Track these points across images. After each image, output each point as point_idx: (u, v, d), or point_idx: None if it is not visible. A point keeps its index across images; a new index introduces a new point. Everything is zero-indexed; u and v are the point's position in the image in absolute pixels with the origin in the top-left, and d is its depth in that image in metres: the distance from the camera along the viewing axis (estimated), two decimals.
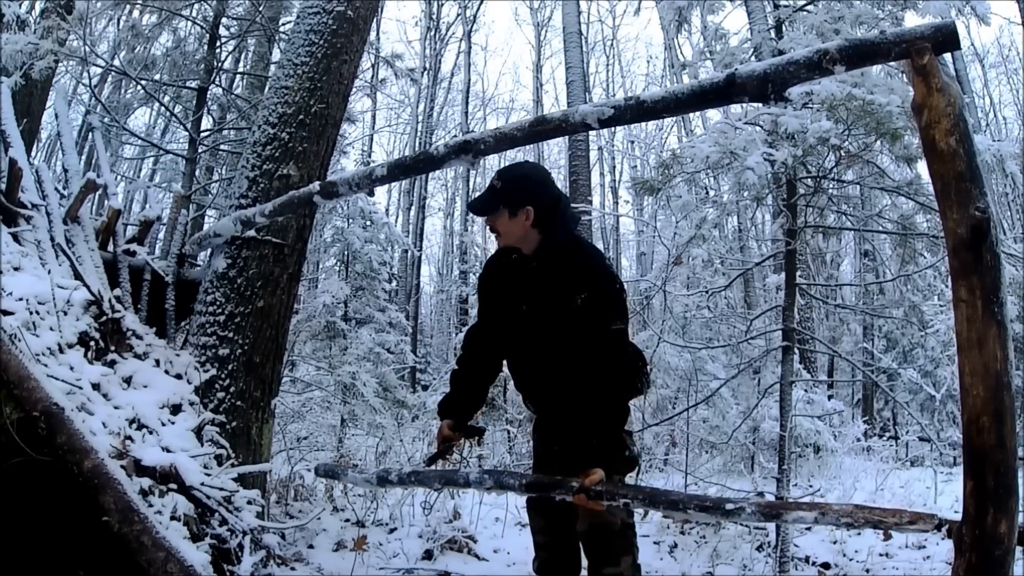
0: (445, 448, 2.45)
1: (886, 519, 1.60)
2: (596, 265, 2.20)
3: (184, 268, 3.87)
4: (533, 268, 2.26)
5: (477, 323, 2.55)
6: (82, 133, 11.79)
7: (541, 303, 2.21)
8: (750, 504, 1.74)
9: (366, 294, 8.93)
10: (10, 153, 3.48)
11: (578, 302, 2.12)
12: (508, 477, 2.21)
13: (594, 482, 1.94)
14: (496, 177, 2.28)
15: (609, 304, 2.13)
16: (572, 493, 1.97)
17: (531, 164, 2.67)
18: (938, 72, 1.60)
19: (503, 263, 2.36)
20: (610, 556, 2.19)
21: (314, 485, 4.99)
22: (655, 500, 1.97)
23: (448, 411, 2.44)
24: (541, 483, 2.12)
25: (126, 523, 2.13)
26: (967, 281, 1.53)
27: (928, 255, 4.41)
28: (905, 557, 4.07)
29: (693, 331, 8.41)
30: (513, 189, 2.24)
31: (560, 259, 2.20)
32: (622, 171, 21.10)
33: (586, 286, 2.13)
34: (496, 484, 2.17)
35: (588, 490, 1.93)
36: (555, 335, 2.17)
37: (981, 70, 17.79)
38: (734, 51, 4.61)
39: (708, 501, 1.84)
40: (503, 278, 2.35)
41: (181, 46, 7.35)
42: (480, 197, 2.33)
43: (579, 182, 10.60)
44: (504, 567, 3.95)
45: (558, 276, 2.18)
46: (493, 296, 2.42)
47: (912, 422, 9.90)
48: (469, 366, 2.48)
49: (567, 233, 2.27)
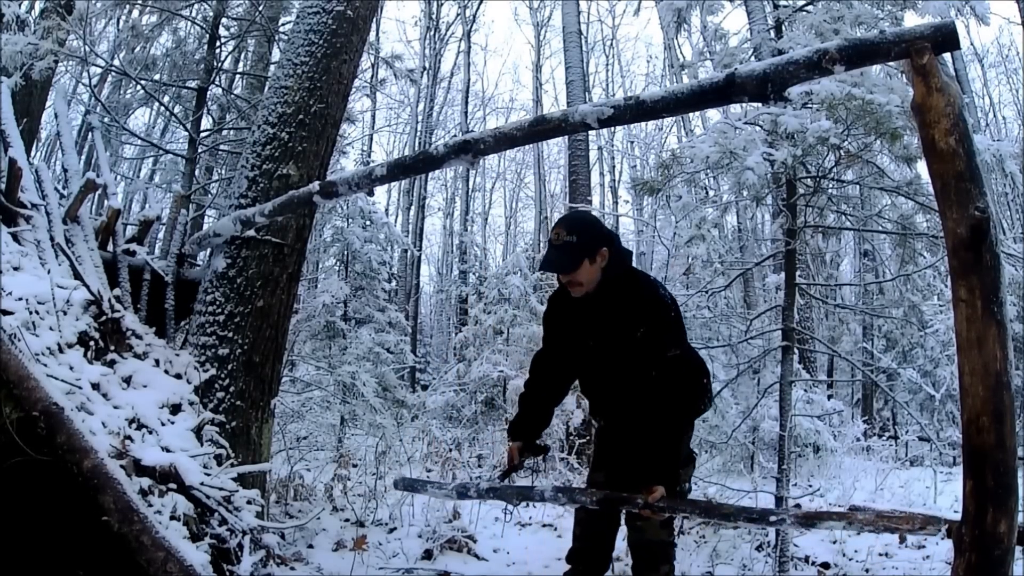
0: (515, 466, 2.65)
1: (901, 525, 1.74)
2: (651, 297, 2.37)
3: (184, 268, 3.87)
4: (595, 305, 2.41)
5: (544, 350, 2.72)
6: (82, 133, 11.79)
7: (605, 337, 2.42)
8: (790, 515, 1.99)
9: (366, 294, 8.93)
10: (10, 153, 3.48)
11: (637, 335, 2.32)
12: (580, 494, 2.45)
13: (656, 499, 2.17)
14: (566, 232, 2.35)
15: (665, 333, 2.33)
16: (639, 508, 2.21)
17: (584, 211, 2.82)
18: (938, 72, 1.60)
19: (566, 299, 2.52)
20: (652, 566, 2.49)
21: (313, 485, 4.99)
22: (710, 512, 2.29)
23: (518, 432, 2.64)
24: (611, 499, 2.32)
25: (126, 523, 2.13)
26: (967, 281, 1.53)
27: (928, 255, 4.41)
28: (905, 557, 4.07)
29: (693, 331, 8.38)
30: (589, 237, 2.36)
31: (618, 294, 2.38)
32: (622, 171, 21.10)
33: (643, 319, 2.32)
34: (570, 499, 2.44)
35: (652, 505, 2.18)
36: (619, 365, 2.39)
37: (981, 70, 17.79)
38: (734, 51, 4.61)
39: (755, 513, 2.08)
40: (567, 314, 2.53)
41: (181, 46, 7.35)
42: (559, 256, 2.35)
43: (579, 182, 10.60)
44: (504, 567, 3.95)
45: (618, 311, 2.36)
46: (559, 329, 2.61)
47: (912, 422, 9.90)
48: (537, 390, 2.68)
49: (623, 268, 2.41)
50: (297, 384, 7.76)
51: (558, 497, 2.40)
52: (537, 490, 2.44)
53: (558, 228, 2.37)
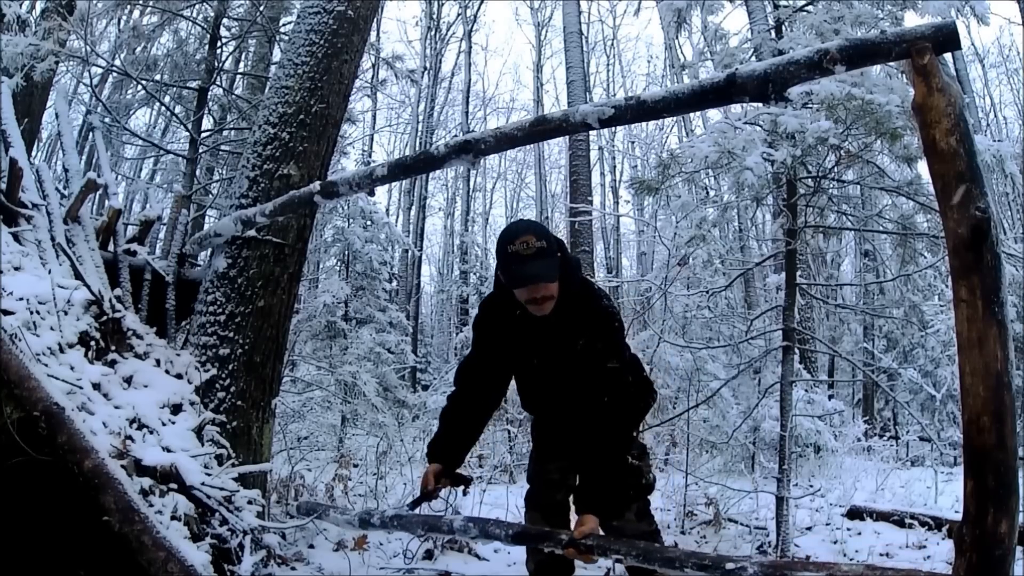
0: (427, 494, 2.32)
1: None
2: (596, 309, 2.21)
3: (184, 268, 3.87)
4: (542, 320, 2.21)
5: (472, 357, 2.46)
6: (83, 133, 11.80)
7: (550, 355, 2.26)
8: (752, 564, 1.64)
9: (366, 294, 8.94)
10: (10, 153, 3.48)
11: (578, 346, 2.18)
12: (494, 527, 2.11)
13: (584, 534, 1.89)
14: (535, 238, 2.10)
15: (608, 345, 2.18)
16: (562, 546, 1.90)
17: (527, 218, 2.68)
18: (938, 72, 1.60)
19: (508, 310, 2.28)
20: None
21: (314, 485, 4.99)
22: (650, 556, 1.86)
23: (437, 454, 2.33)
24: (529, 534, 2.08)
25: (126, 523, 2.13)
26: (967, 281, 1.52)
27: (928, 255, 4.41)
28: (905, 557, 4.07)
29: (693, 331, 8.41)
30: (555, 242, 2.17)
31: (569, 308, 2.21)
32: (622, 171, 21.11)
33: (586, 331, 2.18)
34: (481, 533, 2.10)
35: (578, 543, 1.87)
36: (561, 380, 2.25)
37: (981, 70, 17.80)
38: (734, 51, 4.61)
39: (707, 559, 1.74)
40: (509, 327, 2.31)
41: (182, 47, 7.36)
42: (544, 265, 2.11)
43: (579, 182, 10.61)
44: (504, 567, 3.95)
45: (565, 326, 2.21)
46: (496, 341, 2.36)
47: (912, 422, 9.90)
48: (463, 405, 2.40)
49: (577, 278, 2.26)
50: (298, 384, 7.76)
51: (468, 528, 2.14)
52: (445, 521, 2.20)
53: (525, 237, 2.10)
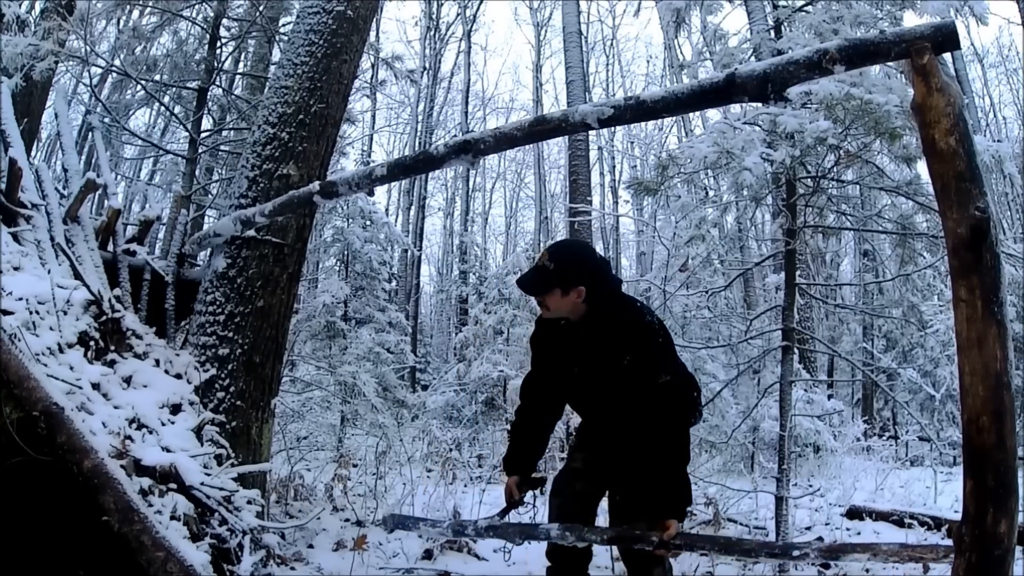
0: (515, 502, 2.55)
1: (926, 555, 1.79)
2: (637, 325, 2.34)
3: (184, 268, 3.87)
4: (582, 335, 2.39)
5: (531, 372, 2.66)
6: (82, 133, 11.79)
7: (589, 364, 2.39)
8: (814, 549, 1.97)
9: (366, 294, 8.94)
10: (10, 153, 3.48)
11: (624, 362, 2.29)
12: (590, 533, 2.34)
13: (671, 536, 2.14)
14: (548, 258, 2.36)
15: (654, 360, 2.29)
16: (654, 547, 2.16)
17: (578, 243, 2.80)
18: (938, 72, 1.60)
19: (553, 325, 2.49)
20: (646, 570, 2.41)
21: (314, 485, 4.99)
22: (730, 548, 2.23)
23: (513, 466, 2.57)
24: (624, 537, 2.28)
25: (126, 523, 2.13)
26: (967, 281, 1.53)
27: (928, 255, 4.41)
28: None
29: (693, 331, 8.42)
30: (566, 270, 2.33)
31: (603, 323, 2.34)
32: (622, 171, 21.13)
33: (630, 347, 2.29)
34: (578, 538, 2.31)
35: (667, 543, 2.13)
36: (605, 392, 2.37)
37: (981, 70, 17.79)
38: (733, 51, 4.61)
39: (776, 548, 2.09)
40: (553, 337, 2.50)
41: (182, 47, 7.35)
42: (531, 277, 2.40)
43: (579, 182, 10.61)
44: (504, 567, 3.94)
45: (604, 341, 2.33)
46: (545, 354, 2.57)
47: (912, 422, 9.90)
48: (529, 417, 2.61)
49: (612, 299, 2.39)
50: (297, 384, 7.76)
51: (565, 535, 2.31)
52: (542, 528, 2.35)
53: (545, 252, 2.41)
